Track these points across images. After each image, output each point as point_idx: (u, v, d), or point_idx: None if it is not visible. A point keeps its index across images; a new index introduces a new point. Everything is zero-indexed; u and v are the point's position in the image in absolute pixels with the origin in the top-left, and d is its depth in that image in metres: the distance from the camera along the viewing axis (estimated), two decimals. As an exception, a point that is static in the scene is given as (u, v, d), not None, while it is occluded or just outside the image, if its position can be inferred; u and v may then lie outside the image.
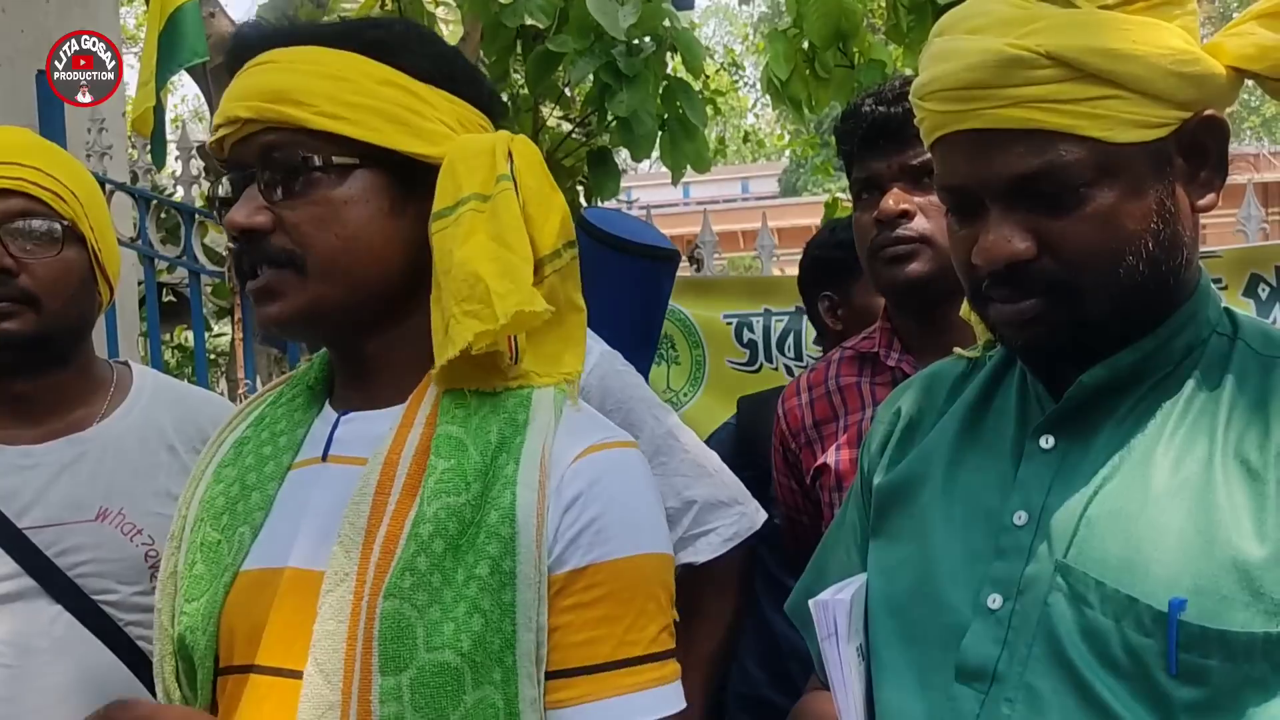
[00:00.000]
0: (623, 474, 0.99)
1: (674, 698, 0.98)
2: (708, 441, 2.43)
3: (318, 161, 0.97)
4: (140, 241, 3.46)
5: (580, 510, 0.95)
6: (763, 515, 1.54)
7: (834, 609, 0.95)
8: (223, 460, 1.07)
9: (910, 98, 0.94)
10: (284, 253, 0.98)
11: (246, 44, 1.03)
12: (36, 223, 1.38)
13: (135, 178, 4.14)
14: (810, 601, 0.98)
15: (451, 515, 0.93)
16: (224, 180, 1.03)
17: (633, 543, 0.97)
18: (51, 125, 3.21)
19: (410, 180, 1.00)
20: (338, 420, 1.04)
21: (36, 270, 1.38)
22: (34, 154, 1.41)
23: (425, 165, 0.99)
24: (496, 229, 0.97)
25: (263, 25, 1.05)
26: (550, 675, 0.94)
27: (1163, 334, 0.90)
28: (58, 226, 1.39)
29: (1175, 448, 0.87)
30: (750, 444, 2.17)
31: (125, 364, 1.55)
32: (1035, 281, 0.88)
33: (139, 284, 3.80)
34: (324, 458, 1.02)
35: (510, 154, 0.99)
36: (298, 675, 0.93)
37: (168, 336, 6.29)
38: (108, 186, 2.89)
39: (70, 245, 1.41)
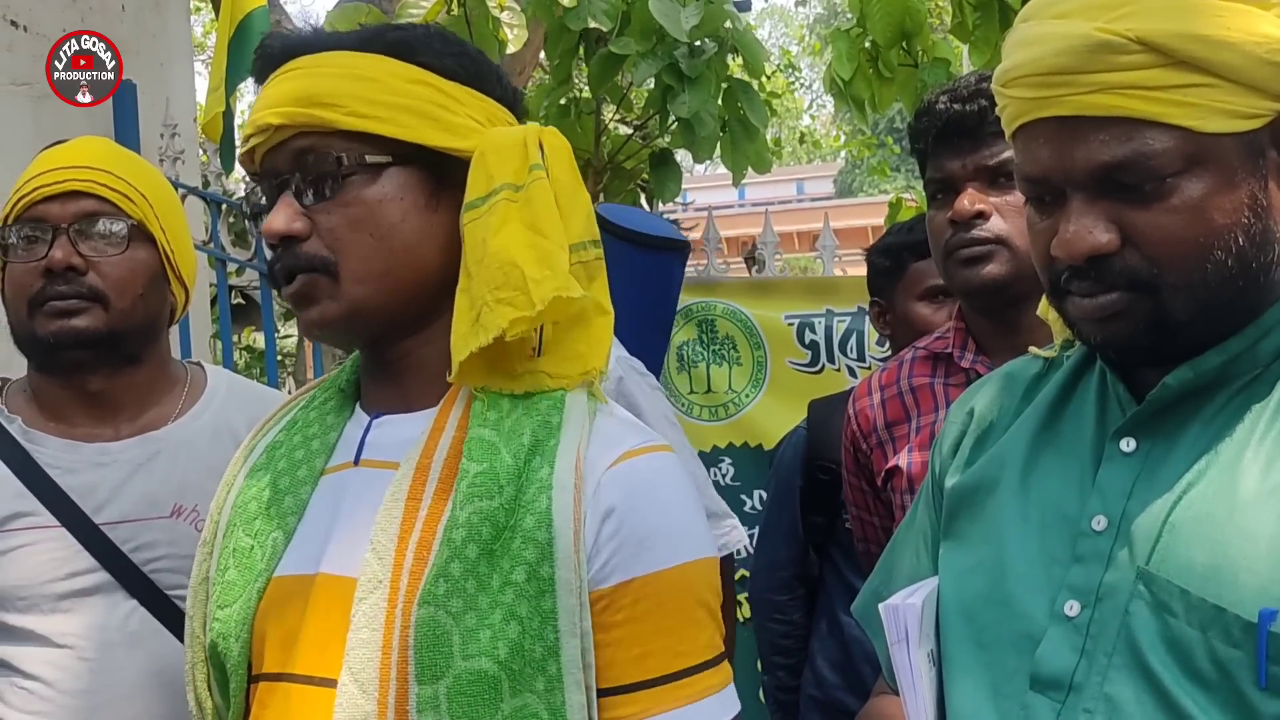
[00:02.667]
0: (661, 482, 0.97)
1: (731, 702, 0.97)
2: (779, 446, 2.46)
3: (351, 161, 0.97)
4: (212, 244, 3.52)
5: (619, 522, 0.93)
6: (742, 534, 1.60)
7: (904, 614, 0.93)
8: (255, 465, 1.06)
9: (992, 85, 0.91)
10: (316, 258, 0.97)
11: (271, 55, 1.03)
12: (105, 223, 1.41)
13: (206, 182, 4.22)
14: (880, 606, 0.96)
15: (485, 520, 0.91)
16: (257, 190, 1.04)
17: (677, 552, 0.95)
18: (126, 131, 3.29)
19: (441, 175, 1.00)
20: (370, 423, 1.03)
21: (105, 268, 1.41)
22: (105, 158, 1.45)
23: (456, 160, 0.99)
24: (531, 217, 0.97)
25: (286, 35, 1.05)
26: (606, 692, 0.93)
27: (1251, 334, 0.86)
28: (126, 226, 1.42)
29: (1265, 452, 0.83)
30: (821, 446, 2.20)
31: (199, 364, 1.58)
32: (1117, 275, 0.84)
33: (211, 286, 3.88)
34: (356, 461, 1.01)
35: (541, 145, 0.99)
36: (331, 684, 0.92)
37: (236, 338, 6.41)
38: (180, 191, 2.95)
39: (139, 245, 1.44)
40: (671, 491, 0.97)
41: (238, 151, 1.06)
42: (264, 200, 1.02)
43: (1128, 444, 0.89)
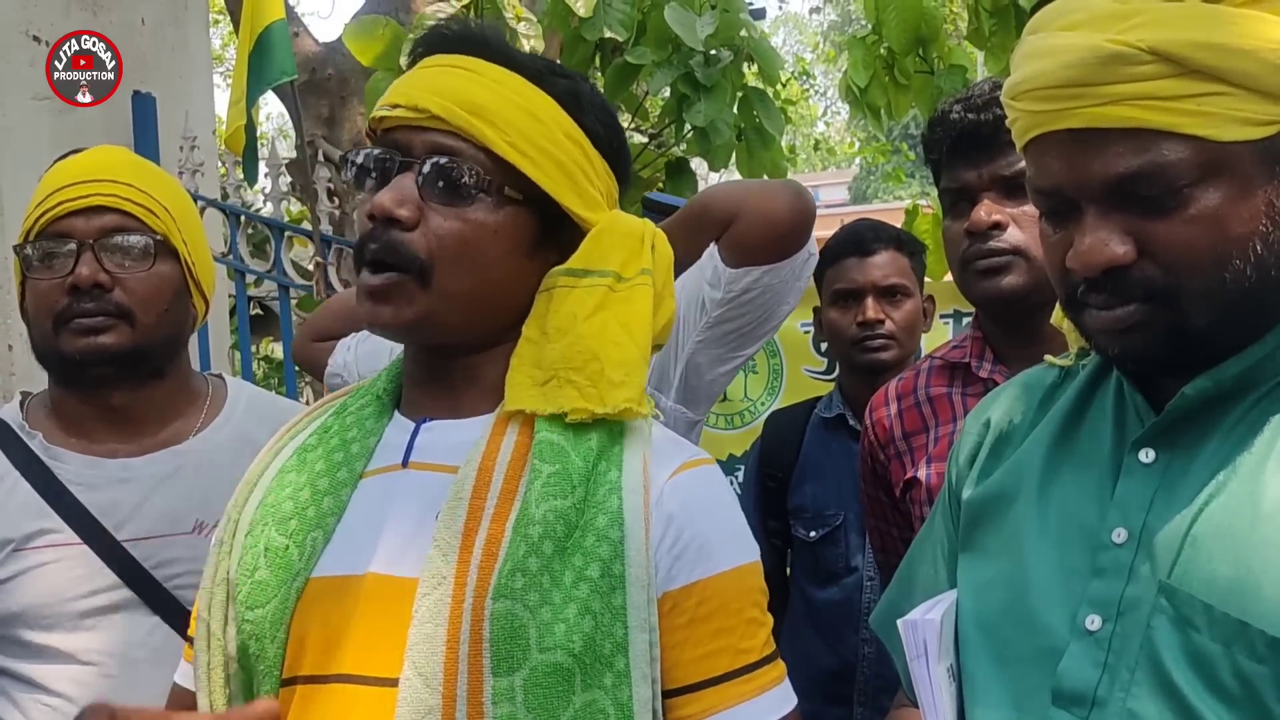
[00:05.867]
0: (715, 490, 1.03)
1: (789, 695, 1.02)
2: (751, 451, 2.55)
3: (489, 183, 0.99)
4: (231, 256, 3.54)
5: (681, 528, 0.98)
6: None
7: (923, 629, 0.93)
8: (285, 466, 1.06)
9: (1002, 98, 0.91)
10: (416, 258, 0.98)
11: (447, 39, 1.04)
12: (130, 238, 1.41)
13: (225, 194, 4.25)
14: (899, 622, 0.95)
15: (559, 518, 0.94)
16: (369, 153, 1.03)
17: (733, 555, 1.00)
18: (146, 143, 3.32)
19: (550, 230, 1.03)
20: (417, 427, 1.04)
21: (130, 284, 1.41)
22: (128, 171, 1.45)
23: (570, 222, 1.04)
24: (626, 317, 1.02)
25: (469, 26, 1.07)
26: (673, 693, 0.97)
27: (1270, 342, 0.85)
28: (150, 241, 1.42)
29: None
30: (770, 454, 2.35)
31: (220, 377, 1.58)
32: (1134, 287, 0.84)
33: (229, 298, 3.90)
34: (405, 464, 1.02)
35: (653, 247, 1.05)
36: (385, 682, 0.92)
37: (255, 349, 6.44)
38: (199, 203, 2.96)
39: (163, 260, 1.44)
40: (724, 500, 1.03)
41: (368, 120, 1.06)
42: (372, 166, 1.02)
43: (1146, 455, 0.88)
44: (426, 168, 0.99)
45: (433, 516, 0.97)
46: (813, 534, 2.21)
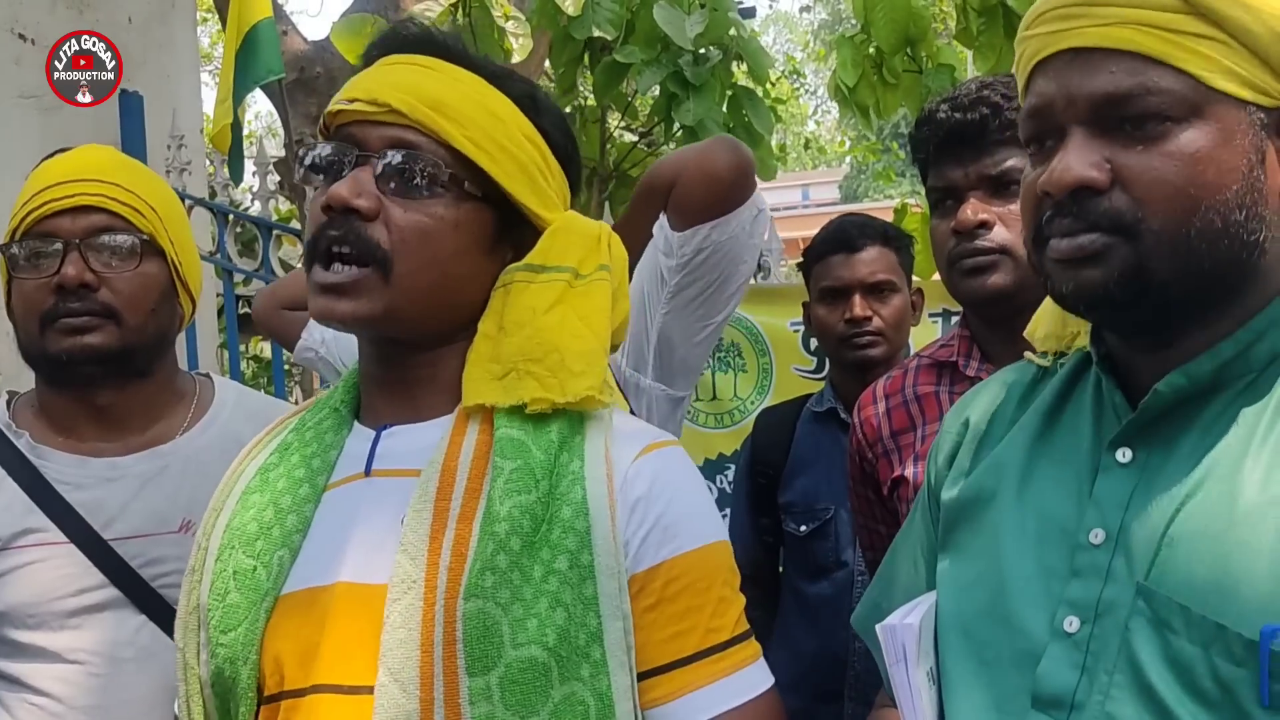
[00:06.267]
0: (680, 470, 1.03)
1: (764, 674, 1.01)
2: (741, 449, 2.59)
3: (449, 177, 0.99)
4: (219, 255, 3.53)
5: (646, 509, 0.98)
6: None
7: (902, 634, 0.92)
8: (248, 488, 1.05)
9: (1019, 33, 0.91)
10: (378, 249, 0.97)
11: (406, 39, 1.04)
12: (116, 238, 1.41)
13: (213, 193, 4.24)
14: (877, 627, 0.95)
15: (524, 513, 0.94)
16: (325, 147, 1.01)
17: (700, 534, 1.00)
18: (132, 142, 3.31)
19: (508, 228, 1.04)
20: (378, 435, 1.03)
21: (117, 284, 1.40)
22: (114, 171, 1.44)
23: (527, 222, 1.05)
24: (585, 310, 1.02)
25: (427, 28, 1.07)
26: (644, 675, 0.96)
27: (1243, 339, 0.84)
28: (137, 241, 1.42)
29: (1264, 461, 0.81)
30: (761, 451, 2.37)
31: (207, 376, 1.58)
32: (1100, 215, 0.83)
33: (217, 297, 3.89)
34: (368, 472, 1.02)
35: (609, 246, 1.07)
36: (363, 690, 0.92)
37: (243, 348, 6.42)
38: (187, 202, 2.96)
39: (150, 259, 1.44)
40: (688, 480, 1.03)
41: (326, 111, 1.05)
42: (327, 161, 1.00)
43: (1124, 454, 0.87)
44: (385, 162, 0.98)
45: (399, 522, 0.96)
46: (803, 528, 2.22)
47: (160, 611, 1.37)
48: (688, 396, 1.77)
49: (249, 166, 3.84)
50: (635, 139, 4.86)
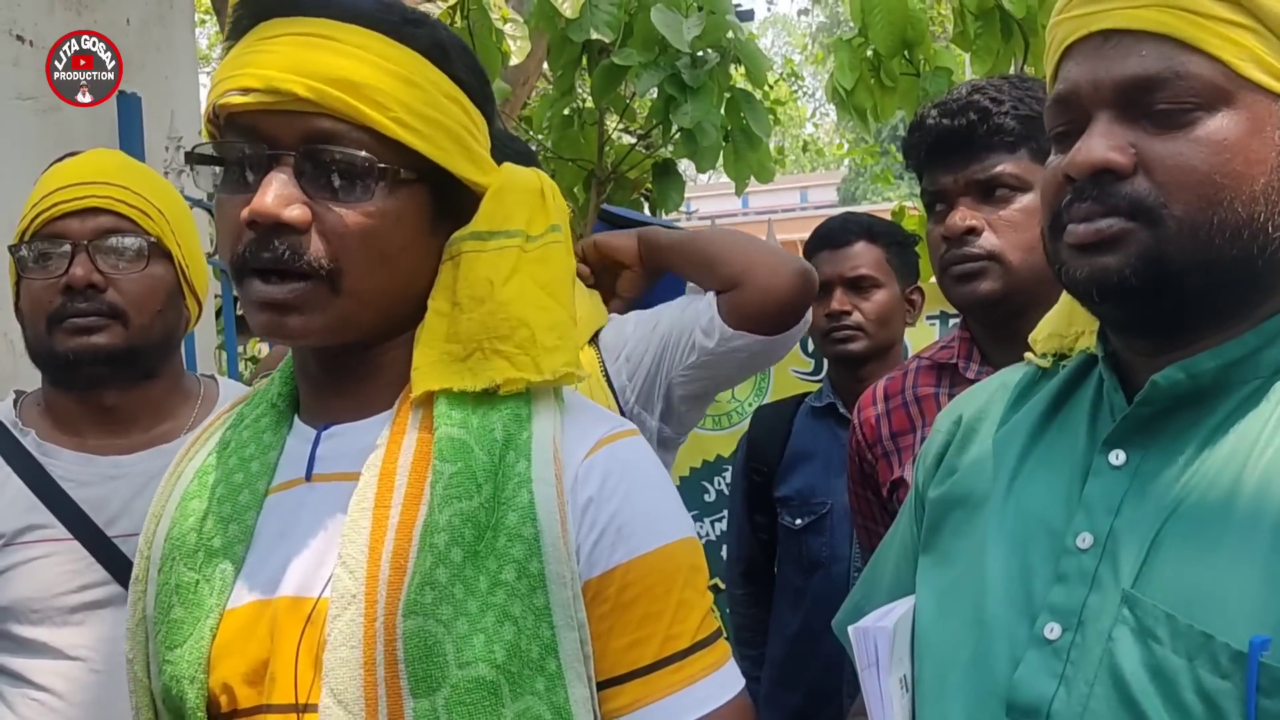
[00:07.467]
0: (635, 465, 0.95)
1: (730, 680, 0.94)
2: (737, 447, 2.60)
3: (383, 169, 0.88)
4: (217, 256, 3.54)
5: (598, 510, 0.91)
6: None
7: (875, 637, 0.88)
8: (186, 493, 0.98)
9: (1051, 18, 0.89)
10: (320, 266, 0.87)
11: (277, 1, 0.90)
12: (124, 239, 1.43)
13: (212, 194, 4.24)
14: (849, 629, 0.91)
15: (466, 521, 0.87)
16: (227, 144, 0.90)
17: (656, 535, 0.93)
18: (130, 143, 3.30)
19: (445, 200, 0.94)
20: (318, 435, 0.96)
21: (124, 285, 1.42)
22: (122, 174, 1.46)
23: (465, 188, 0.95)
24: (545, 278, 0.95)
25: None
26: (603, 685, 0.91)
27: (1250, 341, 0.81)
28: (144, 243, 1.44)
29: (1261, 469, 0.77)
30: (757, 448, 2.37)
31: (212, 377, 1.60)
32: (1120, 199, 0.80)
33: (215, 297, 3.89)
34: (308, 477, 0.95)
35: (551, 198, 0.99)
36: (308, 709, 0.87)
37: (241, 349, 6.42)
38: (186, 203, 2.96)
39: (156, 261, 1.45)
40: (646, 475, 0.95)
41: (215, 101, 0.90)
42: (227, 158, 0.90)
43: (1117, 457, 0.84)
44: (306, 160, 0.87)
45: (340, 531, 0.90)
46: (798, 521, 2.21)
47: (163, 609, 1.38)
48: (683, 439, 1.76)
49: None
50: (633, 141, 4.87)
